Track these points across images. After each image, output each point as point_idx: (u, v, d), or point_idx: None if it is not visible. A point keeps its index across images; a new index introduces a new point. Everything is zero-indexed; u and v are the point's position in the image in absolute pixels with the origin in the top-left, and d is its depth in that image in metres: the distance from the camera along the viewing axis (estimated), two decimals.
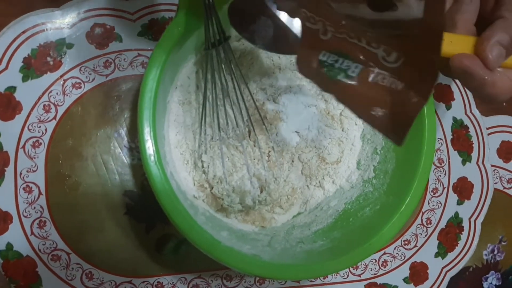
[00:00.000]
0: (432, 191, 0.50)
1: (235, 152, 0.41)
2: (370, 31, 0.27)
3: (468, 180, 0.51)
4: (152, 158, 0.33)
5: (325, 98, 0.45)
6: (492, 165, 0.52)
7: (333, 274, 0.47)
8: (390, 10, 0.25)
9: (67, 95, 0.42)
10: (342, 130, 0.45)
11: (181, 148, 0.41)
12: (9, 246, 0.41)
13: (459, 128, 0.51)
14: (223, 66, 0.38)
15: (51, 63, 0.42)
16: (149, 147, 0.33)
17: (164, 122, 0.39)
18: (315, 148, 0.44)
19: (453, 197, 0.51)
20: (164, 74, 0.35)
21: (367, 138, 0.45)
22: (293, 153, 0.44)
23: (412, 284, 0.49)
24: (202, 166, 0.41)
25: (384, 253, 0.49)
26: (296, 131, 0.44)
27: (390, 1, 0.24)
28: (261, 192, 0.42)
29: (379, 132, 0.28)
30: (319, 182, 0.44)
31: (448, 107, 0.51)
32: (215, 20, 0.35)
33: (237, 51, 0.43)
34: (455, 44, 0.30)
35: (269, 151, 0.43)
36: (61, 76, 0.42)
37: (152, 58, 0.34)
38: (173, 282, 0.44)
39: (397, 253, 0.49)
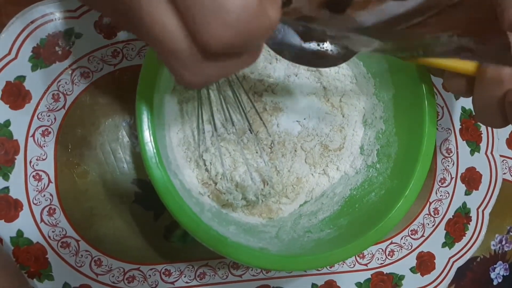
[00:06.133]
0: (440, 181, 0.50)
1: (236, 148, 0.42)
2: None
3: (477, 170, 0.51)
4: (154, 160, 0.33)
5: (323, 85, 0.45)
6: (501, 155, 0.51)
7: (340, 263, 0.47)
8: None
9: (75, 85, 0.43)
10: (343, 116, 0.45)
11: (183, 146, 0.41)
12: (20, 233, 0.41)
13: (468, 118, 0.51)
14: None
15: (60, 52, 0.42)
16: (150, 149, 0.33)
17: (164, 122, 0.40)
18: (317, 136, 0.44)
19: (461, 187, 0.50)
20: (160, 75, 0.35)
21: (369, 123, 0.45)
22: (295, 143, 0.44)
23: (419, 273, 0.49)
24: (204, 165, 0.41)
25: (391, 243, 0.49)
26: (297, 121, 0.44)
27: None
28: (264, 186, 0.42)
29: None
30: (323, 169, 0.44)
31: (457, 97, 0.51)
32: None
33: None
34: None
35: (271, 143, 0.43)
36: (70, 66, 0.43)
37: (145, 61, 0.34)
38: (180, 270, 0.44)
39: (404, 243, 0.49)
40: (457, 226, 0.50)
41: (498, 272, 0.51)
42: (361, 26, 0.24)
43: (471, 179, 0.51)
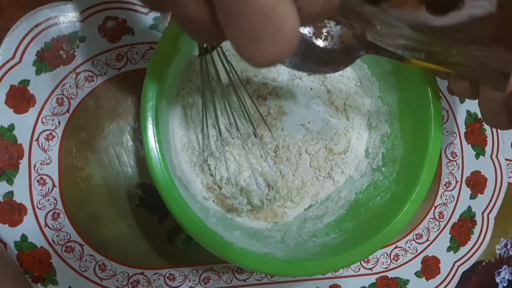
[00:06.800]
0: (444, 185, 0.50)
1: (241, 152, 0.41)
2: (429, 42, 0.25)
3: (482, 174, 0.51)
4: (159, 166, 0.33)
5: (328, 88, 0.45)
6: (506, 159, 0.51)
7: (344, 268, 0.47)
8: (454, 9, 0.21)
9: (80, 88, 0.43)
10: (347, 120, 0.45)
11: (187, 151, 0.41)
12: (24, 237, 0.41)
13: (473, 121, 0.51)
14: (218, 70, 0.38)
15: (64, 56, 0.42)
16: (155, 155, 0.33)
17: (168, 127, 0.39)
18: (322, 140, 0.44)
19: (466, 191, 0.50)
20: (164, 80, 0.35)
21: (373, 126, 0.45)
22: (300, 147, 0.44)
23: (424, 278, 0.49)
24: (209, 169, 0.41)
25: (396, 247, 0.48)
26: (301, 124, 0.44)
27: None
28: (269, 190, 0.42)
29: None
30: (328, 173, 0.44)
31: (462, 100, 0.51)
32: None
33: None
34: None
35: (276, 147, 0.43)
36: (74, 70, 0.43)
37: (149, 66, 0.34)
38: (185, 274, 0.44)
39: (409, 247, 0.49)
40: (462, 230, 0.50)
41: (503, 276, 0.51)
42: (386, 22, 0.24)
43: (476, 183, 0.50)
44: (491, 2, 0.20)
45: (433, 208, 0.49)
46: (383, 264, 0.48)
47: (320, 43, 0.34)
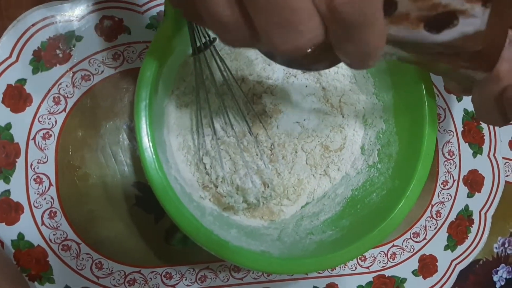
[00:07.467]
0: (442, 183, 0.50)
1: (236, 151, 0.41)
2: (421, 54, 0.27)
3: (479, 172, 0.51)
4: (153, 165, 0.33)
5: (323, 85, 0.45)
6: (503, 158, 0.51)
7: (341, 266, 0.47)
8: (449, 27, 0.23)
9: (76, 87, 0.43)
10: (343, 117, 0.45)
11: (183, 150, 0.41)
12: (21, 236, 0.41)
13: (470, 120, 0.51)
14: (211, 69, 0.38)
15: (61, 55, 0.43)
16: (149, 155, 0.33)
17: (163, 127, 0.39)
18: (317, 137, 0.44)
19: (464, 190, 0.50)
20: (158, 80, 0.35)
21: (369, 123, 0.45)
22: (296, 144, 0.44)
23: (421, 276, 0.49)
24: (205, 168, 0.41)
25: (393, 246, 0.48)
26: (296, 122, 0.44)
27: (450, 15, 0.23)
28: (265, 188, 0.42)
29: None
30: (324, 170, 0.44)
31: (459, 99, 0.51)
32: (198, 25, 0.35)
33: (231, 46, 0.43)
34: None
35: (271, 145, 0.43)
36: (71, 69, 0.43)
37: (143, 66, 0.34)
38: (181, 273, 0.44)
39: (406, 246, 0.49)
40: (459, 228, 0.50)
41: (501, 275, 0.51)
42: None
43: (474, 181, 0.50)
44: (482, 20, 0.23)
45: (430, 206, 0.49)
46: (380, 262, 0.48)
47: None
